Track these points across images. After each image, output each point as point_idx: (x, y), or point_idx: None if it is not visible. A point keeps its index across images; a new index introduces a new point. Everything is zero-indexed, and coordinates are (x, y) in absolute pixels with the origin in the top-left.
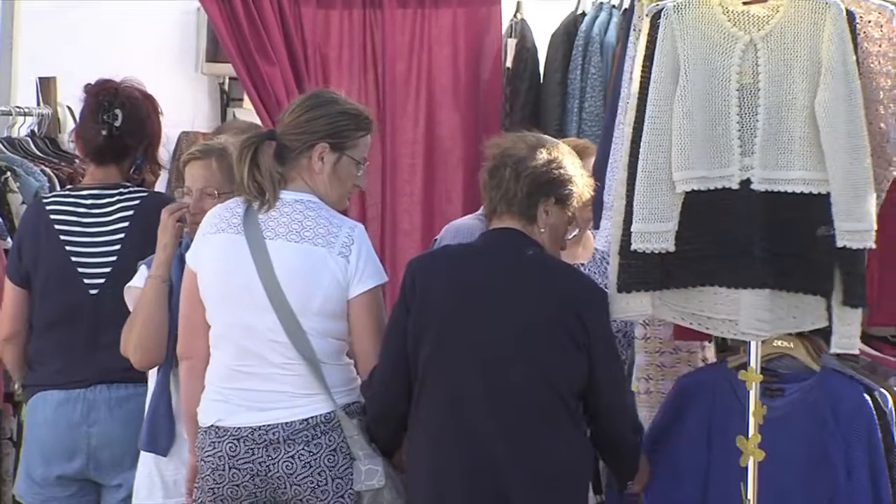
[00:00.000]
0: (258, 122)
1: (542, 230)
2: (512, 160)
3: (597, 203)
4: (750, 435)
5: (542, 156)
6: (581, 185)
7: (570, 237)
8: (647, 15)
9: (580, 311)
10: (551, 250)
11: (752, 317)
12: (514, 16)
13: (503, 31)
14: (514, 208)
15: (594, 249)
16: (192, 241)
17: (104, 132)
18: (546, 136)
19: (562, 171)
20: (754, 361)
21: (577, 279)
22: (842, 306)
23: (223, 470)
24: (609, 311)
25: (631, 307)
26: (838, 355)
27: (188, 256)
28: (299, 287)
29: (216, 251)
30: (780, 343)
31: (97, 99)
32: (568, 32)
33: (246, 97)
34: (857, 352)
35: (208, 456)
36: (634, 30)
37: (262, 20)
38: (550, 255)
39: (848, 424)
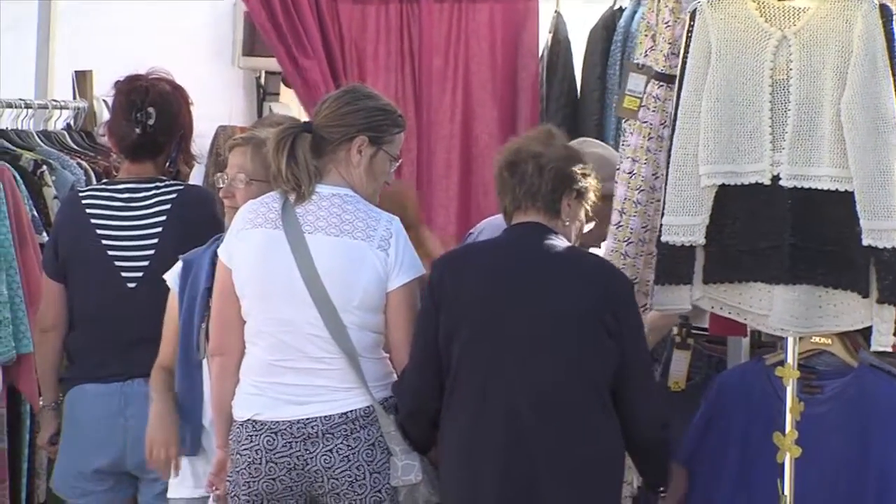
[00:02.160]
0: (295, 115)
1: (567, 223)
2: (531, 154)
3: None
4: (787, 431)
5: (561, 150)
6: (595, 179)
7: (585, 230)
8: (687, 12)
9: (611, 300)
10: (572, 243)
11: (785, 312)
12: (556, 11)
13: (548, 26)
14: (539, 202)
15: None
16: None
17: (138, 130)
18: (555, 129)
19: (581, 164)
20: (791, 358)
21: (606, 269)
22: (879, 304)
23: (260, 464)
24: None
25: (670, 299)
26: (878, 352)
27: (221, 253)
28: (340, 281)
29: (254, 247)
30: (817, 339)
31: (129, 97)
32: (606, 27)
33: (282, 90)
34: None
35: (245, 449)
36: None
37: (299, 15)
38: (577, 246)
39: (887, 419)
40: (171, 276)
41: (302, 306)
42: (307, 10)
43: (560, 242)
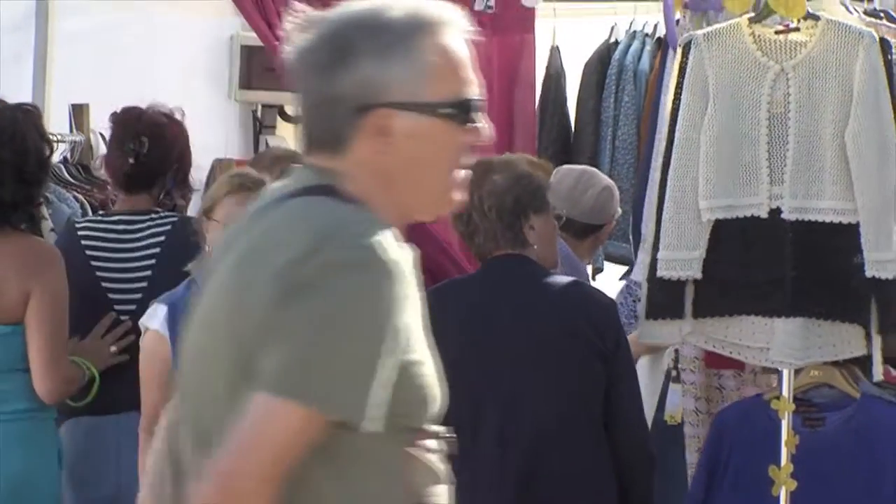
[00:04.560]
0: (292, 147)
1: (535, 245)
2: (470, 205)
3: (634, 234)
4: (782, 464)
5: (497, 183)
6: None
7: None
8: (679, 45)
9: (594, 321)
10: (548, 258)
11: (785, 345)
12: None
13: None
14: (501, 242)
15: None
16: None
17: (131, 160)
18: (494, 160)
19: (524, 182)
20: (786, 390)
21: (584, 290)
22: (879, 335)
23: None
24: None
25: (660, 334)
26: (877, 382)
27: None
28: None
29: None
30: (815, 373)
31: (122, 127)
32: (601, 61)
33: (279, 123)
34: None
35: None
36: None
37: None
38: (553, 271)
39: (893, 448)
40: (157, 322)
41: None
42: None
43: (535, 269)
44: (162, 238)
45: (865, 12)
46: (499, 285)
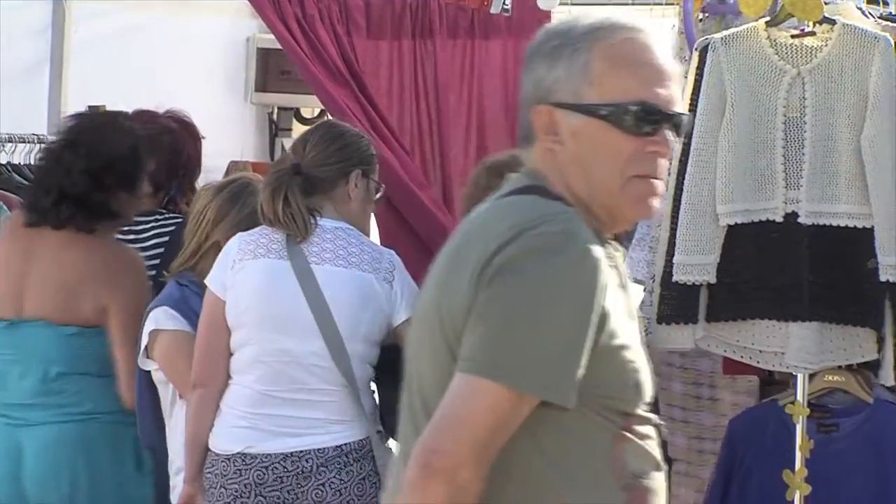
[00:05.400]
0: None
1: None
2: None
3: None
4: (796, 469)
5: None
6: None
7: None
8: (696, 49)
9: None
10: None
11: (800, 349)
12: None
13: None
14: None
15: None
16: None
17: None
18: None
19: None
20: (801, 395)
21: None
22: (892, 339)
23: (247, 497)
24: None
25: (672, 338)
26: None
27: (212, 283)
28: (349, 313)
29: (257, 276)
30: (830, 377)
31: None
32: None
33: (294, 126)
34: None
35: (231, 483)
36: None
37: (323, 46)
38: None
39: None
40: (173, 321)
41: (307, 336)
42: (329, 43)
43: None
44: (166, 238)
45: (881, 16)
46: None
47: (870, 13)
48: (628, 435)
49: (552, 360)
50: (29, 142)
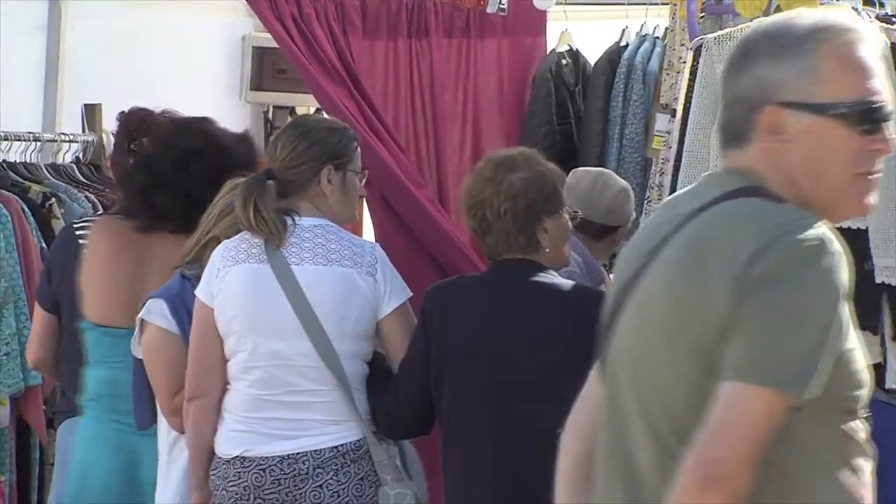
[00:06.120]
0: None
1: (547, 249)
2: (487, 201)
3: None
4: None
5: (513, 180)
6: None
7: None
8: (689, 48)
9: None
10: (559, 259)
11: None
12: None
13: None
14: (514, 245)
15: None
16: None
17: (131, 161)
18: (500, 156)
19: (540, 185)
20: None
21: (590, 299)
22: (892, 342)
23: (247, 500)
24: None
25: None
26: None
27: (200, 293)
28: (333, 310)
29: (239, 282)
30: None
31: (126, 128)
32: (611, 61)
33: None
34: None
35: (232, 485)
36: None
37: (320, 46)
38: (563, 279)
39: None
40: (157, 316)
41: (293, 338)
42: (325, 41)
43: (547, 279)
44: None
45: (878, 17)
46: (504, 296)
47: (866, 14)
48: (854, 432)
49: (818, 364)
50: (25, 139)
